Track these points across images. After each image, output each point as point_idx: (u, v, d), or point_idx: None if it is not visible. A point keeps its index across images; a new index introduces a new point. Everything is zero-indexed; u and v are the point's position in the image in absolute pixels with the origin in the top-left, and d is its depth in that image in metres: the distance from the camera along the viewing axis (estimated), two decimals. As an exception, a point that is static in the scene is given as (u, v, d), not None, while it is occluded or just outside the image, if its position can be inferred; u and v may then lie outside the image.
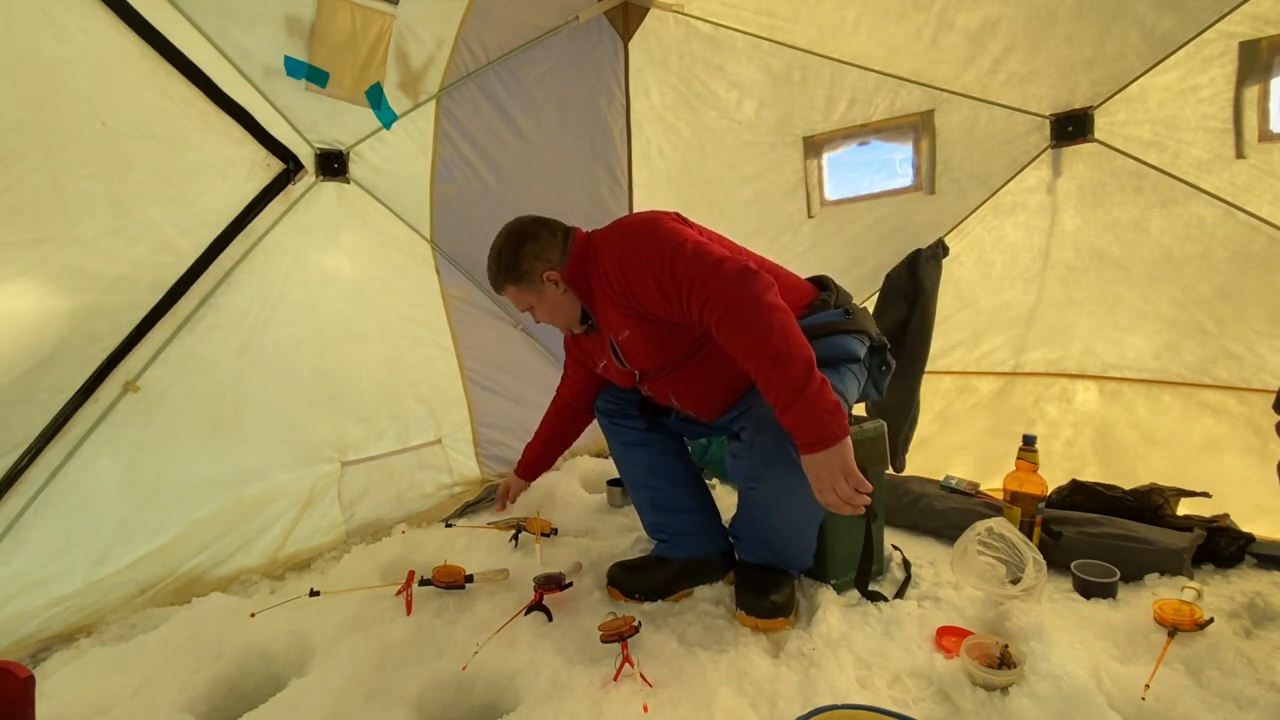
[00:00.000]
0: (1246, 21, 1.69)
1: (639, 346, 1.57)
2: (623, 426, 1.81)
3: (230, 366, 1.97)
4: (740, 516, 1.64)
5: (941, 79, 2.13)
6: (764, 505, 1.55)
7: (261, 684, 1.47)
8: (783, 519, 1.54)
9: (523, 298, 1.64)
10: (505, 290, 1.65)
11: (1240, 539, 1.71)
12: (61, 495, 1.68)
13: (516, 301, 1.66)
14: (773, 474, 1.45)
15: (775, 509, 1.53)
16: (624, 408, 1.82)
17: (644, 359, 1.60)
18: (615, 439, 1.84)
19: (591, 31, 2.56)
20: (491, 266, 1.65)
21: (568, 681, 1.31)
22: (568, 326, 1.69)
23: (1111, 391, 2.19)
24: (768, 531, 1.58)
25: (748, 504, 1.61)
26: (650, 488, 1.78)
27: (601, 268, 1.54)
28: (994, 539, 1.57)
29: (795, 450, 1.29)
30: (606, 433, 1.87)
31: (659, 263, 1.40)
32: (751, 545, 1.62)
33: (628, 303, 1.51)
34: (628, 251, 1.48)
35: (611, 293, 1.53)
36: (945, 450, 2.48)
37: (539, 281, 1.60)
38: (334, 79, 1.99)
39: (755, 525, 1.59)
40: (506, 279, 1.62)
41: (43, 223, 1.57)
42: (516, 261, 1.60)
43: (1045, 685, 1.16)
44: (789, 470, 1.38)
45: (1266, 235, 1.79)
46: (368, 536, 2.20)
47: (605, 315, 1.60)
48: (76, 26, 1.57)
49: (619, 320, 1.56)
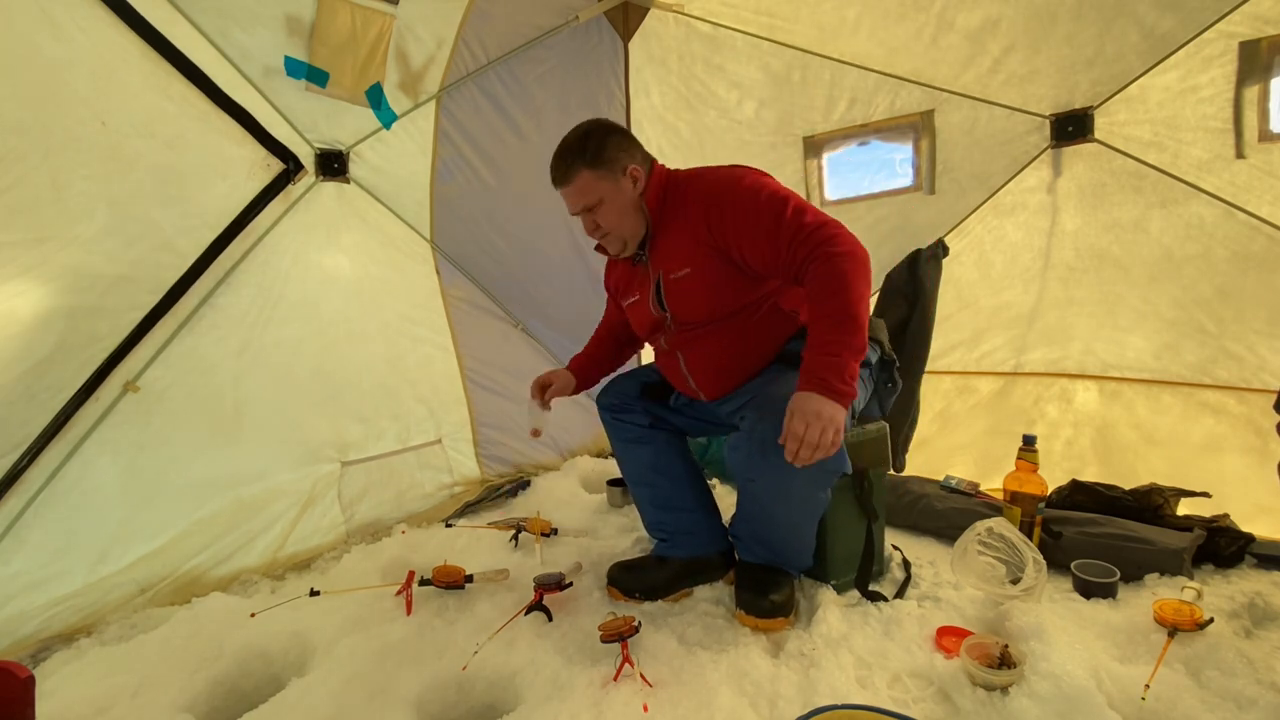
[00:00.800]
0: (1246, 21, 1.69)
1: (693, 288, 1.54)
2: (625, 423, 1.79)
3: (230, 366, 1.97)
4: (739, 514, 1.63)
5: (941, 79, 2.13)
6: (762, 499, 1.53)
7: (261, 684, 1.47)
8: (782, 512, 1.52)
9: (594, 188, 1.52)
10: (577, 176, 1.52)
11: (1240, 539, 1.71)
12: (61, 495, 1.68)
13: (582, 193, 1.53)
14: (770, 464, 1.40)
15: (773, 502, 1.51)
16: (628, 403, 1.80)
17: (690, 303, 1.56)
18: (618, 435, 1.82)
19: (591, 31, 2.56)
20: (569, 147, 1.53)
21: (568, 681, 1.31)
22: (625, 239, 1.59)
23: (1111, 391, 2.19)
24: (767, 528, 1.57)
25: (747, 499, 1.59)
26: (652, 485, 1.78)
27: (691, 197, 1.52)
28: (994, 539, 1.57)
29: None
30: (609, 429, 1.84)
31: (773, 207, 1.42)
32: (751, 544, 1.61)
33: (711, 239, 1.49)
34: (736, 190, 1.47)
35: (691, 225, 1.51)
36: (945, 450, 2.48)
37: (618, 174, 1.53)
38: (334, 79, 1.99)
39: (754, 522, 1.58)
40: (584, 161, 1.51)
41: (43, 223, 1.57)
42: (603, 146, 1.51)
43: (1045, 685, 1.16)
44: (782, 460, 1.35)
45: (1266, 235, 1.79)
46: (368, 536, 2.20)
47: (669, 248, 1.56)
48: (76, 26, 1.57)
49: (686, 255, 1.53)
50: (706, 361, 1.61)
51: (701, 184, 1.54)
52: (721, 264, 1.51)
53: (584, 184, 1.52)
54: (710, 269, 1.51)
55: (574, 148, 1.52)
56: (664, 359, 1.72)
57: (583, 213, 1.57)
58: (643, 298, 1.66)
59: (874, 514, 1.68)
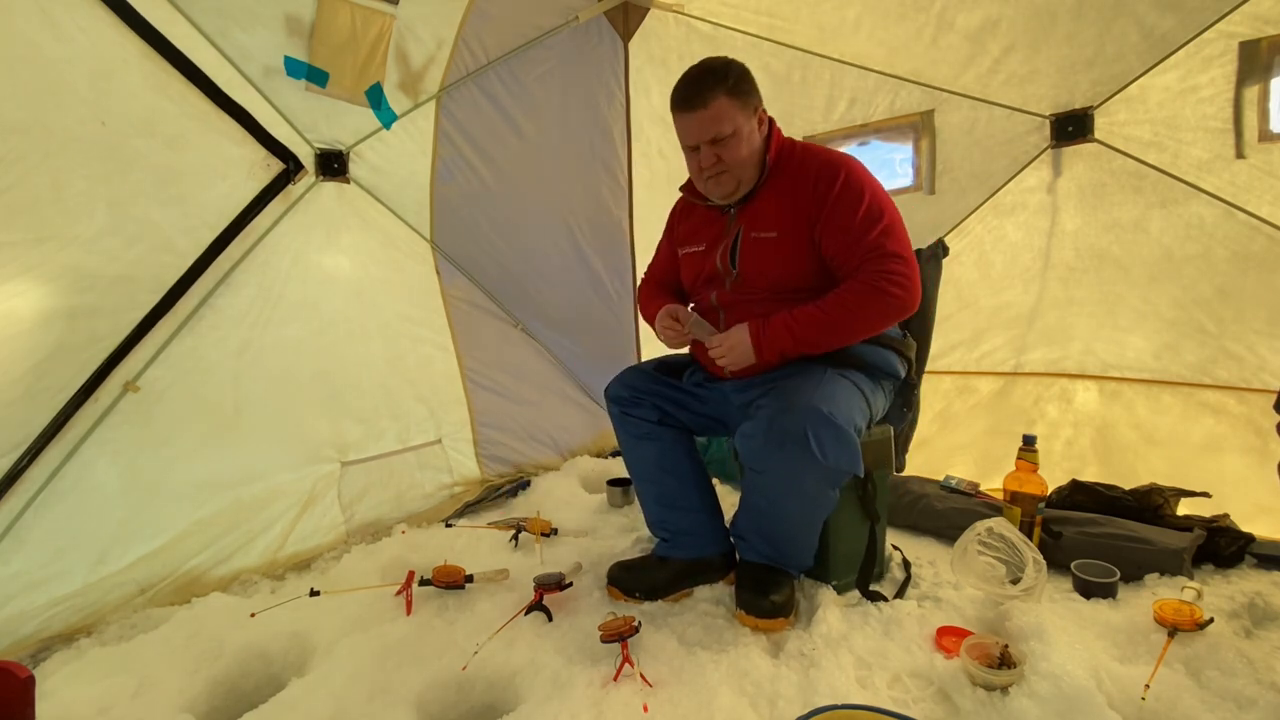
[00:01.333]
0: (1246, 21, 1.69)
1: (774, 253, 1.54)
2: (635, 418, 1.75)
3: (230, 366, 1.97)
4: (743, 510, 1.61)
5: (941, 79, 2.13)
6: (771, 492, 1.50)
7: (261, 684, 1.47)
8: (790, 507, 1.50)
9: (731, 117, 1.48)
10: (715, 101, 1.47)
11: (1240, 539, 1.71)
12: (61, 495, 1.68)
13: (717, 120, 1.48)
14: (786, 456, 1.40)
15: (782, 496, 1.49)
16: (637, 397, 1.75)
17: (764, 266, 1.56)
18: (626, 430, 1.78)
19: (591, 31, 2.56)
20: (709, 71, 1.49)
21: (568, 681, 1.31)
22: (739, 180, 1.55)
23: (1111, 391, 2.19)
24: (772, 523, 1.55)
25: (754, 493, 1.56)
26: (657, 483, 1.76)
27: (807, 166, 1.52)
28: (994, 539, 1.57)
29: (819, 440, 1.36)
30: (617, 423, 1.80)
31: (870, 213, 1.47)
32: (754, 541, 1.60)
33: (812, 210, 1.49)
34: (850, 177, 1.49)
35: (796, 192, 1.51)
36: (945, 450, 2.48)
37: (751, 111, 1.51)
38: (334, 79, 1.99)
39: (760, 516, 1.56)
40: (726, 87, 1.47)
41: (43, 223, 1.57)
42: (743, 78, 1.50)
43: (1045, 685, 1.16)
44: (804, 456, 1.37)
45: (1266, 235, 1.79)
46: (368, 536, 2.20)
47: (763, 207, 1.55)
48: (76, 26, 1.57)
49: (778, 219, 1.53)
50: None
51: (820, 157, 1.54)
52: (808, 240, 1.52)
53: (721, 110, 1.47)
54: (798, 239, 1.52)
55: (716, 72, 1.48)
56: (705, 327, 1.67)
57: (707, 143, 1.50)
58: (709, 249, 1.64)
59: (877, 516, 1.68)
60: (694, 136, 1.52)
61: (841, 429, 1.39)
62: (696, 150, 1.53)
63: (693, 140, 1.53)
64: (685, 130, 1.53)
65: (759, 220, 1.55)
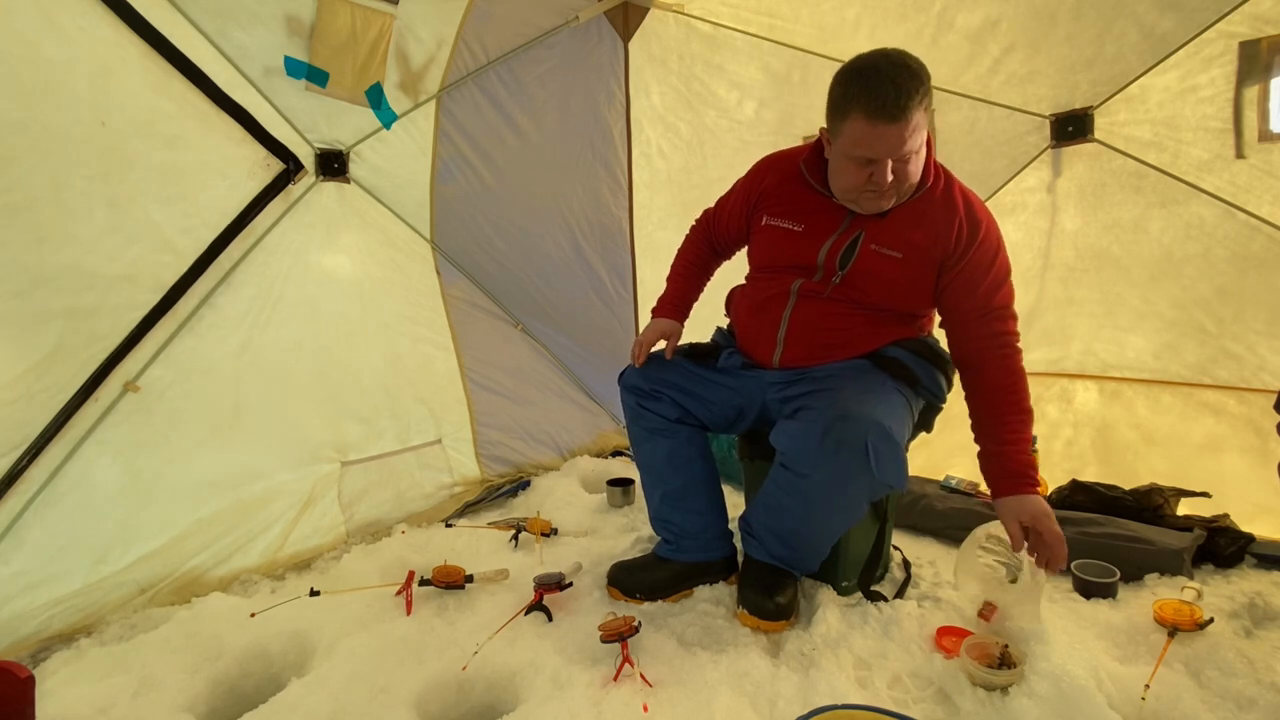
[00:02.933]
0: (1246, 21, 1.69)
1: (892, 273, 1.48)
2: (651, 413, 1.68)
3: (230, 366, 1.97)
4: (762, 508, 1.55)
5: (941, 79, 2.13)
6: (808, 496, 1.44)
7: (261, 684, 1.47)
8: (827, 512, 1.46)
9: (922, 129, 1.33)
10: (917, 110, 1.28)
11: (1240, 539, 1.71)
12: (61, 495, 1.68)
13: (915, 134, 1.30)
14: (838, 464, 1.36)
15: (822, 501, 1.44)
16: (658, 391, 1.67)
17: (876, 281, 1.50)
18: (640, 424, 1.70)
19: (591, 31, 2.56)
20: (913, 76, 1.27)
21: (568, 681, 1.31)
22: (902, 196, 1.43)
23: (1111, 391, 2.19)
24: (796, 526, 1.50)
25: (783, 493, 1.48)
26: (666, 481, 1.71)
27: (954, 202, 1.47)
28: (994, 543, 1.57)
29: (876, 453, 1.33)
30: (630, 415, 1.72)
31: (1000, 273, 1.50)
32: (767, 541, 1.55)
33: (949, 248, 1.46)
34: (990, 231, 1.49)
35: (937, 223, 1.46)
36: (945, 450, 2.47)
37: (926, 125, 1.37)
38: (334, 79, 1.99)
39: (782, 517, 1.51)
40: (922, 97, 1.28)
41: (43, 223, 1.57)
42: (930, 89, 1.32)
43: (1045, 685, 1.16)
44: (858, 466, 1.34)
45: (1266, 235, 1.79)
46: (368, 536, 2.20)
47: (899, 226, 1.47)
48: (76, 26, 1.57)
49: (907, 241, 1.47)
50: (819, 325, 1.54)
51: (970, 201, 1.50)
52: (932, 271, 1.50)
53: (918, 123, 1.29)
54: (922, 269, 1.49)
55: (915, 75, 1.26)
56: (765, 304, 1.61)
57: (897, 160, 1.32)
58: (809, 235, 1.53)
59: (886, 516, 1.68)
60: (885, 150, 1.31)
61: (898, 445, 1.38)
62: (872, 163, 1.33)
63: (883, 154, 1.31)
64: (877, 143, 1.30)
65: (886, 235, 1.48)
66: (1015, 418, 1.44)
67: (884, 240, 1.49)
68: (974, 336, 1.49)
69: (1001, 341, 1.48)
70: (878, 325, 1.55)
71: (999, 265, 1.50)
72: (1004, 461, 1.42)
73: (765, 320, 1.61)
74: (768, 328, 1.60)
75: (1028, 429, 1.45)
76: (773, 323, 1.59)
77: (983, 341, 1.48)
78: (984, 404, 1.48)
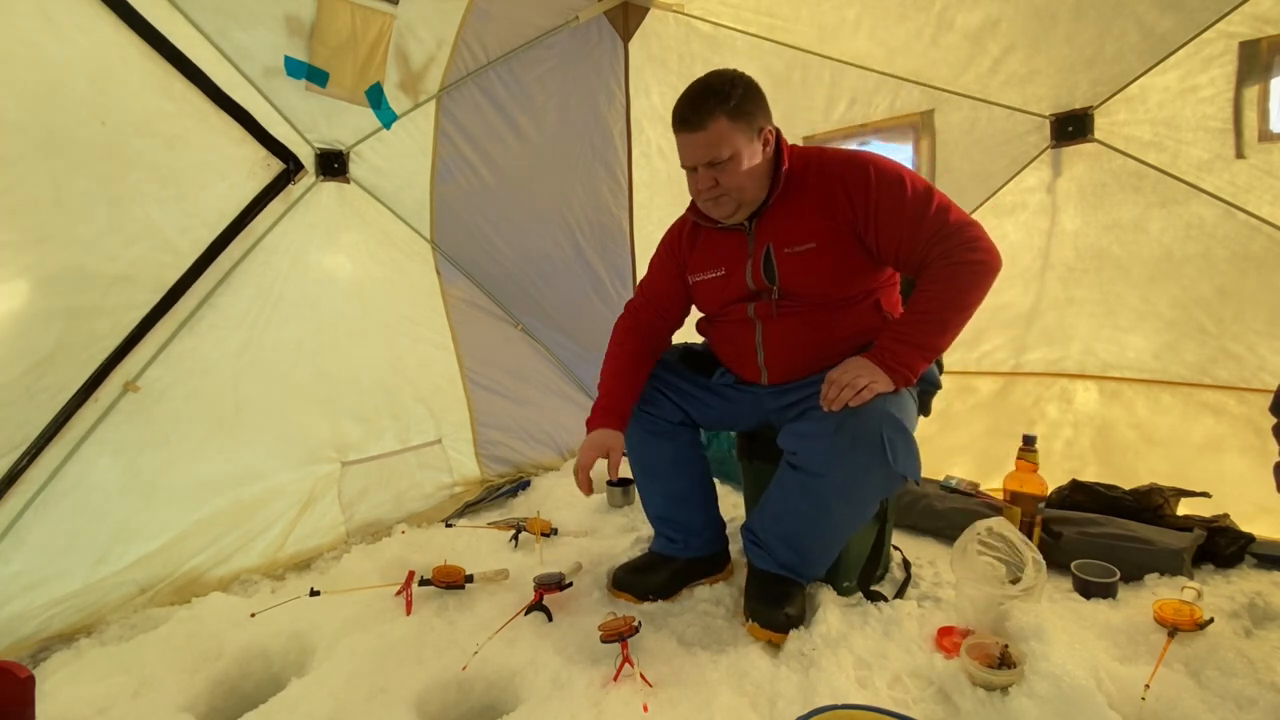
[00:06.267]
0: (1246, 21, 1.69)
1: (817, 264, 1.46)
2: (653, 415, 1.68)
3: (230, 366, 1.97)
4: (770, 515, 1.53)
5: (941, 79, 2.13)
6: (823, 496, 1.42)
7: (261, 684, 1.47)
8: (842, 512, 1.45)
9: (730, 140, 1.39)
10: (714, 122, 1.38)
11: (1240, 539, 1.71)
12: (61, 495, 1.68)
13: (714, 144, 1.39)
14: (855, 460, 1.36)
15: (837, 500, 1.43)
16: (660, 394, 1.68)
17: (808, 278, 1.48)
18: (641, 426, 1.70)
19: (591, 31, 2.56)
20: (710, 90, 1.39)
21: (568, 681, 1.31)
22: (740, 203, 1.46)
23: (1111, 391, 2.19)
24: (809, 529, 1.48)
25: (794, 496, 1.47)
26: (668, 480, 1.71)
27: (827, 173, 1.45)
28: (994, 539, 1.57)
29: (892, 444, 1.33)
30: (632, 417, 1.70)
31: (919, 196, 1.40)
32: (776, 548, 1.52)
33: (852, 215, 1.43)
34: (883, 173, 1.43)
35: (824, 201, 1.44)
36: (945, 450, 2.48)
37: (754, 132, 1.42)
38: (334, 79, 1.99)
39: (794, 521, 1.48)
40: (726, 108, 1.37)
41: (43, 223, 1.57)
42: (747, 98, 1.40)
43: (1045, 685, 1.16)
44: (876, 460, 1.34)
45: (1266, 235, 1.79)
46: (368, 536, 2.20)
47: (789, 221, 1.48)
48: (76, 26, 1.57)
49: (811, 230, 1.46)
50: (791, 342, 1.54)
51: (841, 160, 1.48)
52: (851, 243, 1.46)
53: (719, 133, 1.38)
54: (840, 246, 1.46)
55: (717, 91, 1.38)
56: (734, 334, 1.62)
57: (704, 166, 1.43)
58: (731, 272, 1.56)
59: (887, 516, 1.68)
60: (691, 158, 1.45)
61: (909, 435, 1.38)
62: (694, 171, 1.46)
63: (689, 162, 1.46)
64: (683, 151, 1.46)
65: (790, 235, 1.48)
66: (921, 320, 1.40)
67: (791, 239, 1.48)
68: (924, 261, 1.42)
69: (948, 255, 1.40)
70: (845, 318, 1.51)
71: (911, 188, 1.41)
72: (878, 342, 1.42)
73: (741, 348, 1.62)
74: (746, 354, 1.61)
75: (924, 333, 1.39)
76: (749, 349, 1.60)
77: (931, 262, 1.42)
78: (911, 299, 1.44)
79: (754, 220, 1.53)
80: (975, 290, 1.40)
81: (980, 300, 1.41)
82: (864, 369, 1.36)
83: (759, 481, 1.72)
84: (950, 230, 1.39)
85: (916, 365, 1.39)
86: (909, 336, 1.39)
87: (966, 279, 1.39)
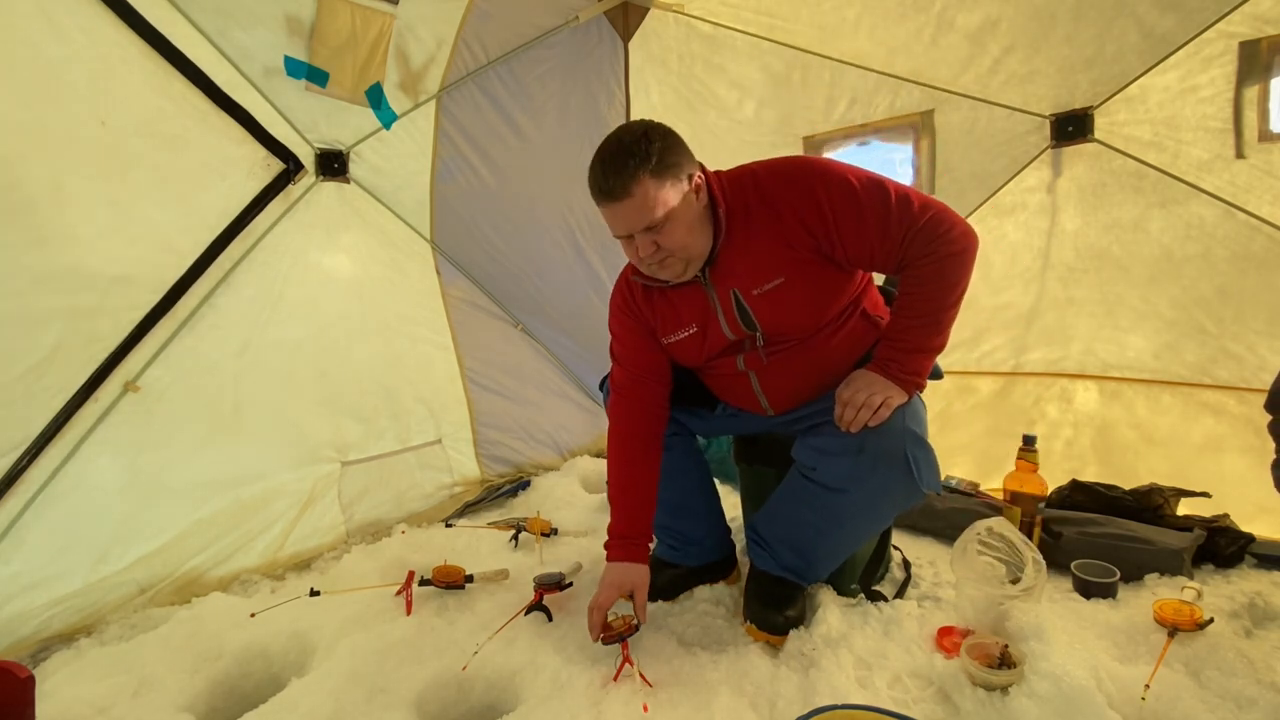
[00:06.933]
0: (1246, 21, 1.69)
1: (792, 298, 1.36)
2: None
3: (230, 366, 1.97)
4: (779, 520, 1.51)
5: (941, 79, 2.13)
6: (844, 511, 1.40)
7: (261, 684, 1.48)
8: (861, 525, 1.44)
9: (660, 200, 1.24)
10: (638, 186, 1.22)
11: (1240, 539, 1.71)
12: (61, 495, 1.68)
13: (645, 209, 1.24)
14: (880, 478, 1.34)
15: (858, 515, 1.41)
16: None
17: (788, 315, 1.38)
18: None
19: (591, 31, 2.56)
20: (627, 150, 1.23)
21: (568, 681, 1.31)
22: (688, 260, 1.33)
23: (1111, 391, 2.19)
24: (820, 538, 1.45)
25: (808, 506, 1.44)
26: (666, 489, 1.65)
27: (770, 199, 1.32)
28: (994, 539, 1.57)
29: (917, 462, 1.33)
30: None
31: (874, 196, 1.29)
32: (780, 553, 1.51)
33: (811, 239, 1.32)
34: (829, 182, 1.30)
35: (777, 229, 1.32)
36: (945, 450, 2.45)
37: (684, 181, 1.28)
38: (334, 79, 1.99)
39: (804, 530, 1.46)
40: (649, 169, 1.22)
41: (43, 223, 1.57)
42: (668, 149, 1.25)
43: (1045, 685, 1.16)
44: (901, 478, 1.34)
45: (1266, 235, 1.79)
46: (368, 536, 2.20)
47: (745, 261, 1.35)
48: (76, 26, 1.57)
49: (774, 264, 1.34)
50: (790, 379, 1.47)
51: (779, 184, 1.34)
52: (820, 266, 1.36)
53: (647, 196, 1.23)
54: (809, 272, 1.35)
55: (634, 152, 1.23)
56: (730, 384, 1.55)
57: (640, 233, 1.27)
58: (707, 325, 1.44)
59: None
60: (623, 228, 1.29)
61: (930, 448, 1.37)
62: (630, 239, 1.31)
63: (622, 231, 1.30)
64: (611, 222, 1.30)
65: (753, 275, 1.36)
66: (917, 321, 1.34)
67: (753, 280, 1.36)
68: (904, 260, 1.34)
69: (929, 253, 1.31)
70: (838, 338, 1.45)
71: (862, 190, 1.29)
72: (879, 352, 1.37)
73: (740, 395, 1.55)
74: (747, 398, 1.54)
75: (924, 335, 1.34)
76: (749, 395, 1.52)
77: (911, 261, 1.34)
78: (900, 302, 1.37)
79: (707, 269, 1.39)
80: (962, 281, 1.34)
81: (968, 283, 1.36)
82: (876, 384, 1.32)
83: (758, 485, 1.72)
84: (921, 225, 1.29)
85: (923, 369, 1.37)
86: (910, 343, 1.36)
87: (953, 272, 1.32)
